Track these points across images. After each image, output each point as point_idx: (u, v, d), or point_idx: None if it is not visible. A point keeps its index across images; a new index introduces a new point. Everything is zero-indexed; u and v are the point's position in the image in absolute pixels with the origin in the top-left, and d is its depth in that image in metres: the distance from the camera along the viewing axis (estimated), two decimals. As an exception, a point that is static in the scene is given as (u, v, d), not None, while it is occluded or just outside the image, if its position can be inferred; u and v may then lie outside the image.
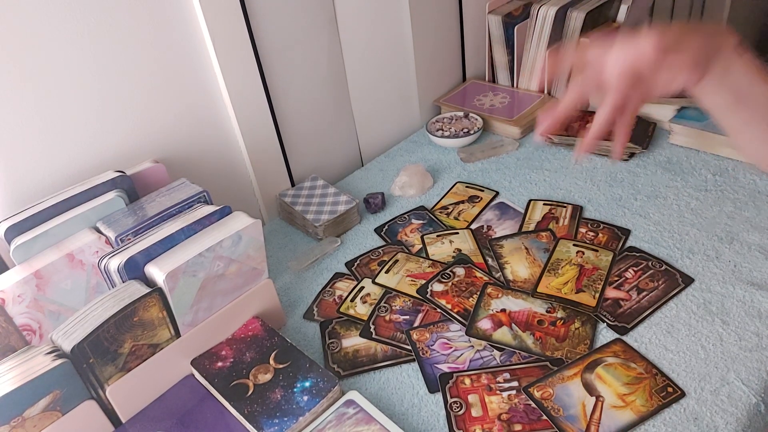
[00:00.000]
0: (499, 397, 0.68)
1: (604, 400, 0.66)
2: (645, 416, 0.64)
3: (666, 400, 0.65)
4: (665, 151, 1.06)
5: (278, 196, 1.05)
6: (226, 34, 0.89)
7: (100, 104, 0.81)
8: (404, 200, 1.06)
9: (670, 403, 0.65)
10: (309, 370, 0.70)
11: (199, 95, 0.91)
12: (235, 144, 0.99)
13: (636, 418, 0.64)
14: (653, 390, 0.66)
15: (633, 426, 0.63)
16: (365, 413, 0.66)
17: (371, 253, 0.93)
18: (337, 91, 1.12)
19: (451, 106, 1.26)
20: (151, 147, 0.88)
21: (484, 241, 0.92)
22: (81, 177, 0.81)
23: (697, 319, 0.74)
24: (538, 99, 1.22)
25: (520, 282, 0.83)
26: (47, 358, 0.61)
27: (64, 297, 0.71)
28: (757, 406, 0.64)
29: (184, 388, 0.72)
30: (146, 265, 0.69)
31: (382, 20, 1.13)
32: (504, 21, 1.23)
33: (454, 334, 0.77)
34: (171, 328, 0.70)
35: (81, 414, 0.64)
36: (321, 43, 1.05)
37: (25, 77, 0.73)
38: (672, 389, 0.66)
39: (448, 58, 1.30)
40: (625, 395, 0.66)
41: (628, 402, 0.65)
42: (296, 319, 0.84)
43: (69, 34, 0.75)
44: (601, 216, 0.94)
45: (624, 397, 0.66)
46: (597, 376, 0.68)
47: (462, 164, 1.13)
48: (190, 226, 0.72)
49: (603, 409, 0.65)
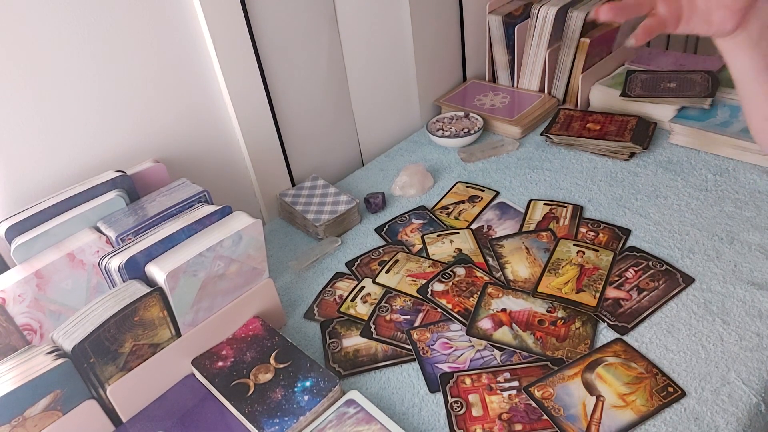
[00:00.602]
0: (499, 396, 0.68)
1: (605, 399, 0.66)
2: (645, 416, 0.64)
3: (666, 400, 0.65)
4: (665, 151, 1.06)
5: (279, 196, 1.05)
6: (226, 33, 0.89)
7: (100, 104, 0.81)
8: (404, 200, 1.06)
9: (670, 403, 0.65)
10: (309, 369, 0.70)
11: (199, 95, 0.91)
12: (235, 144, 0.99)
13: (636, 418, 0.63)
14: (654, 390, 0.66)
15: (633, 426, 0.63)
16: (366, 413, 0.67)
17: (372, 253, 0.93)
18: (338, 91, 1.12)
19: (452, 106, 1.26)
20: (151, 147, 0.88)
21: (485, 241, 0.92)
22: (81, 177, 0.81)
23: (697, 318, 0.74)
24: (538, 99, 1.22)
25: (521, 282, 0.83)
26: (48, 357, 0.61)
27: (64, 297, 0.71)
28: (758, 406, 0.64)
29: (184, 388, 0.72)
30: (147, 265, 0.69)
31: (383, 20, 1.13)
32: (504, 21, 1.23)
33: (454, 333, 0.77)
34: (171, 328, 0.70)
35: (81, 413, 0.64)
36: (321, 43, 1.05)
37: (25, 77, 0.73)
38: (673, 389, 0.66)
39: (448, 58, 1.30)
40: (625, 395, 0.66)
41: (629, 402, 0.65)
42: (297, 319, 0.84)
43: (69, 34, 0.75)
44: (601, 216, 0.94)
45: (624, 396, 0.66)
46: (597, 376, 0.68)
47: (462, 164, 1.13)
48: (191, 225, 0.72)
49: (603, 408, 0.65)
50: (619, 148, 1.06)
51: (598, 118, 1.13)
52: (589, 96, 1.22)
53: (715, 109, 1.07)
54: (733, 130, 1.00)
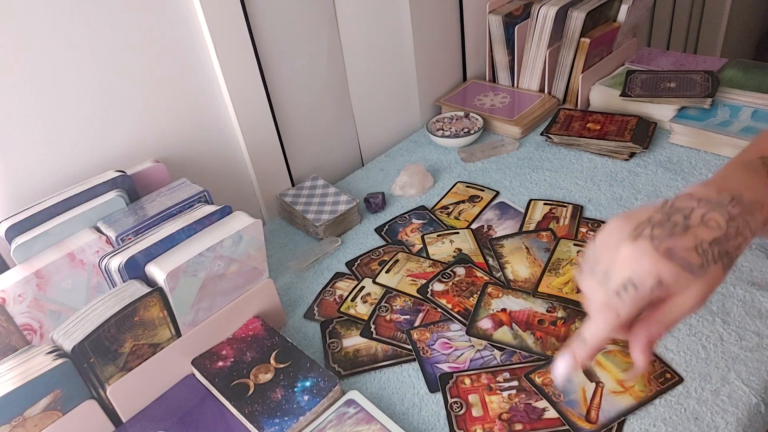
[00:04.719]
0: (499, 396, 0.68)
1: (604, 385, 0.67)
2: (644, 401, 0.65)
3: (664, 386, 0.66)
4: (666, 151, 1.06)
5: (279, 196, 1.05)
6: (226, 33, 0.89)
7: (100, 104, 0.81)
8: (405, 200, 1.06)
9: (668, 389, 0.66)
10: (309, 369, 0.70)
11: (199, 95, 0.91)
12: (235, 144, 0.99)
13: (635, 403, 0.65)
14: (651, 376, 0.67)
15: (632, 410, 0.64)
16: (366, 413, 0.67)
17: (372, 253, 0.93)
18: (338, 91, 1.12)
19: (452, 106, 1.26)
20: (151, 147, 0.88)
21: (485, 241, 0.92)
22: (81, 177, 0.81)
23: (697, 318, 0.74)
24: (538, 99, 1.22)
25: (521, 282, 0.83)
26: (48, 357, 0.61)
27: (64, 296, 0.71)
28: (758, 406, 0.64)
29: (184, 388, 0.72)
30: (147, 265, 0.69)
31: (383, 20, 1.13)
32: (504, 21, 1.23)
33: (454, 333, 0.77)
34: (171, 328, 0.70)
35: (81, 413, 0.64)
36: (321, 43, 1.05)
37: (25, 77, 0.73)
38: (670, 375, 0.67)
39: (448, 58, 1.30)
40: (624, 381, 0.67)
41: (627, 387, 0.66)
42: (297, 319, 0.84)
43: (70, 34, 0.75)
44: (601, 215, 0.94)
45: (623, 382, 0.67)
46: (596, 363, 0.69)
47: (462, 164, 1.13)
48: (191, 225, 0.72)
49: (603, 394, 0.66)
50: (619, 148, 1.06)
51: (598, 118, 1.13)
52: (589, 96, 1.22)
53: (715, 109, 1.07)
54: (733, 129, 1.00)
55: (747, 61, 1.24)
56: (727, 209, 0.44)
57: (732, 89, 1.11)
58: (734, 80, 1.17)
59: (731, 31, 2.11)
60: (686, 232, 0.43)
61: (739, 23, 2.19)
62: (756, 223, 0.45)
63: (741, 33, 2.27)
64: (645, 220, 0.45)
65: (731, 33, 2.12)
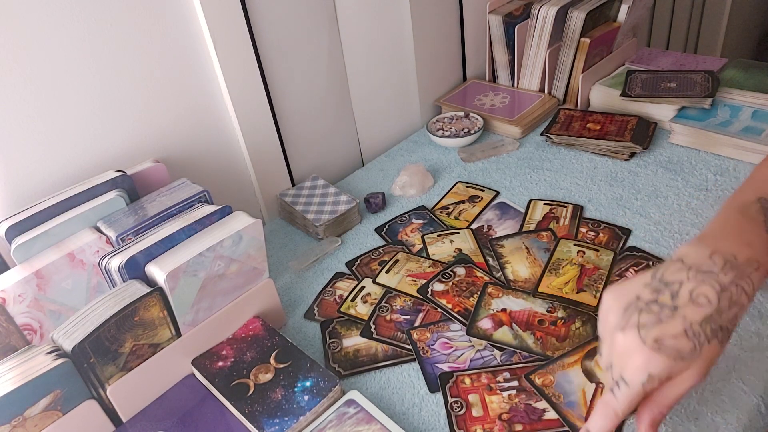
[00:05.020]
0: (499, 396, 0.68)
1: (604, 386, 0.66)
2: None
3: None
4: (666, 151, 1.06)
5: (279, 196, 1.05)
6: (226, 33, 0.89)
7: (100, 104, 0.81)
8: (405, 200, 1.06)
9: None
10: (310, 369, 0.70)
11: (199, 95, 0.91)
12: (235, 144, 0.99)
13: None
14: None
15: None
16: (366, 413, 0.67)
17: (372, 253, 0.93)
18: (338, 91, 1.12)
19: (452, 106, 1.26)
20: (151, 147, 0.88)
21: (485, 241, 0.92)
22: (81, 177, 0.81)
23: (697, 318, 0.74)
24: (538, 99, 1.22)
25: (521, 282, 0.83)
26: (48, 357, 0.61)
27: (64, 296, 0.71)
28: (758, 407, 0.64)
29: (184, 388, 0.72)
30: (147, 265, 0.69)
31: (383, 20, 1.13)
32: (504, 21, 1.23)
33: (454, 333, 0.77)
34: (172, 328, 0.70)
35: (81, 413, 0.64)
36: (321, 43, 1.05)
37: (25, 77, 0.73)
38: None
39: (448, 58, 1.30)
40: None
41: None
42: (297, 319, 0.84)
43: (70, 33, 0.75)
44: (601, 216, 0.94)
45: None
46: (597, 364, 0.69)
47: (462, 164, 1.13)
48: (191, 225, 0.72)
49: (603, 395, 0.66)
50: (620, 147, 1.06)
51: (598, 118, 1.13)
52: (589, 96, 1.22)
53: (715, 108, 1.07)
54: (734, 129, 1.00)
55: (747, 61, 1.24)
56: (718, 279, 0.42)
57: (732, 89, 1.11)
58: (734, 80, 1.17)
59: (731, 31, 2.11)
60: (674, 315, 0.42)
61: (739, 23, 2.19)
62: (755, 282, 0.43)
63: (741, 33, 2.27)
64: (633, 299, 0.44)
65: (731, 33, 2.12)
